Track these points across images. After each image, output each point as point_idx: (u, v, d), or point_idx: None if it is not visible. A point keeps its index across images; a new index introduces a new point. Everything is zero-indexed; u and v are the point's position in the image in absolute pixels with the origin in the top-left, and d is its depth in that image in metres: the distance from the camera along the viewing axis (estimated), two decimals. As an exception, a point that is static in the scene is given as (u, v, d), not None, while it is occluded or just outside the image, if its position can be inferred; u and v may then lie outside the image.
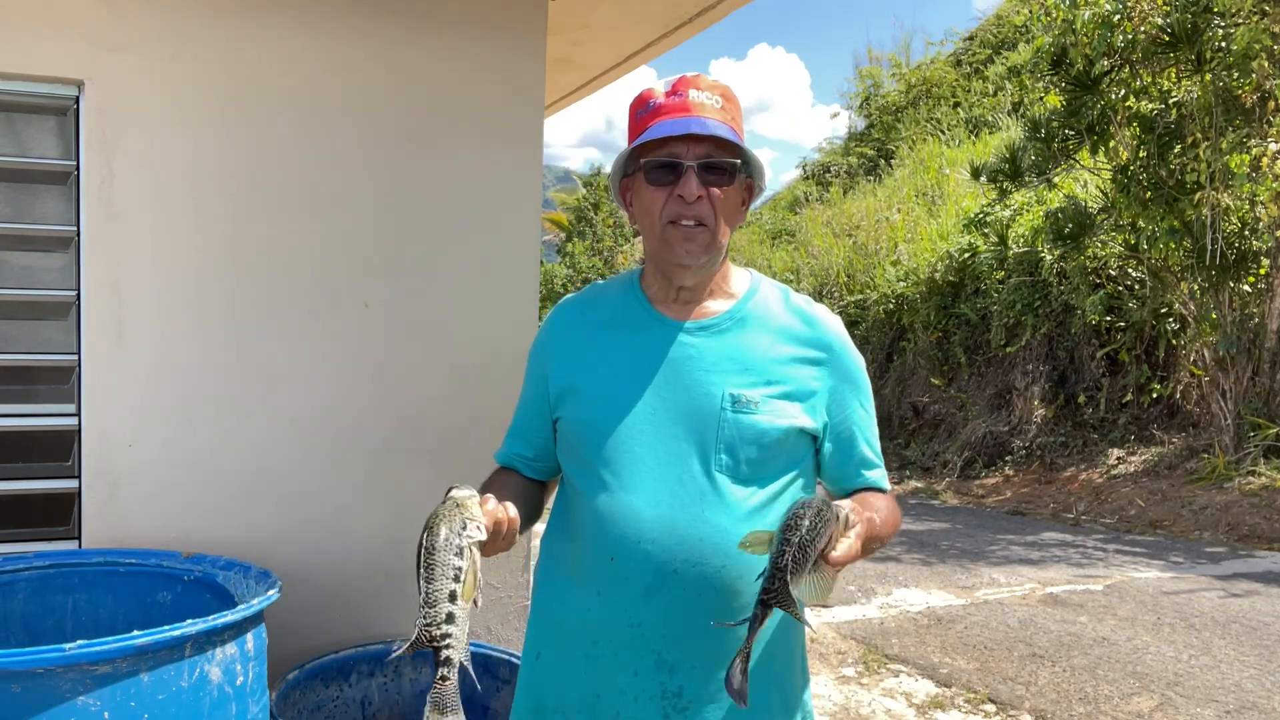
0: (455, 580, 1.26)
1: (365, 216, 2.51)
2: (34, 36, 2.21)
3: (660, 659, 1.44)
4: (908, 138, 18.00)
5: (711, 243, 1.47)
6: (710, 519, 1.43)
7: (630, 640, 1.44)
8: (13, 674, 1.50)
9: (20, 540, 2.26)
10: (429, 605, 1.25)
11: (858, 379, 1.56)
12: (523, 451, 1.64)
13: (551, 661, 1.53)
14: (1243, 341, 8.53)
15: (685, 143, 1.44)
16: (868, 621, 5.32)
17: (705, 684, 1.44)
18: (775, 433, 1.46)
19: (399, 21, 2.52)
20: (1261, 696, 4.09)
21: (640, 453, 1.46)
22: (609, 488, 1.46)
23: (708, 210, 1.45)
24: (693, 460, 1.45)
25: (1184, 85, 8.24)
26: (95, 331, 2.28)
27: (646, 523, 1.43)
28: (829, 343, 1.53)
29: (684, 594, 1.42)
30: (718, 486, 1.44)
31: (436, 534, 1.28)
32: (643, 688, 1.44)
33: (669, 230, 1.46)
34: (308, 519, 2.46)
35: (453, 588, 1.26)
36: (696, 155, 1.44)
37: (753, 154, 1.49)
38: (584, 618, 1.48)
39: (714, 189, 1.45)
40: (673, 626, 1.43)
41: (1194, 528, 7.70)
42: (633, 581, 1.44)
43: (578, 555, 1.51)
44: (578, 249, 25.54)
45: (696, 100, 1.46)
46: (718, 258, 1.51)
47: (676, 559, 1.42)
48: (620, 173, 1.55)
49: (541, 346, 1.64)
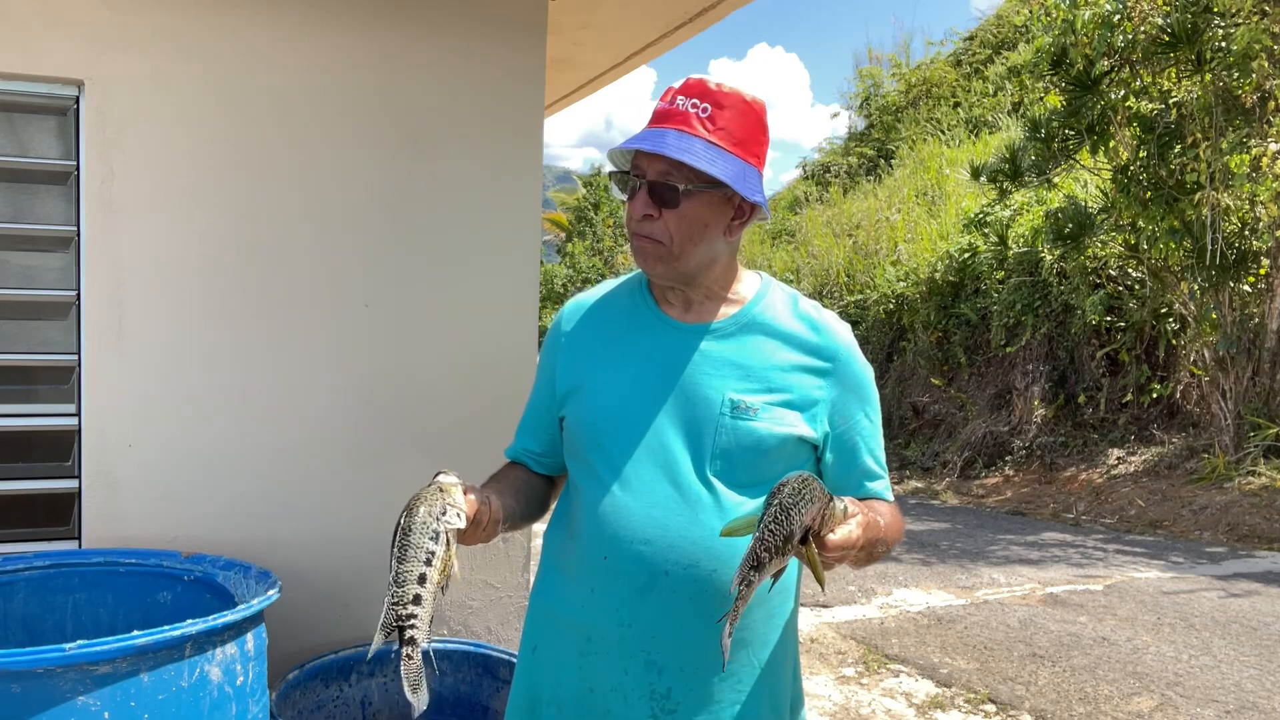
0: (426, 564, 1.27)
1: (365, 216, 2.51)
2: (34, 36, 2.21)
3: (649, 659, 1.44)
4: (908, 138, 18.00)
5: (668, 258, 1.44)
6: (704, 522, 1.43)
7: (621, 639, 1.45)
8: (13, 674, 1.50)
9: (20, 540, 2.26)
10: (397, 585, 1.27)
11: (864, 389, 1.53)
12: (531, 447, 1.65)
13: (548, 655, 1.54)
14: (1243, 341, 8.53)
15: (647, 157, 1.41)
16: (868, 621, 5.32)
17: (694, 686, 1.44)
18: (773, 440, 1.45)
19: (400, 22, 2.52)
20: (1261, 696, 4.08)
21: (638, 454, 1.46)
22: (606, 487, 1.47)
23: (660, 229, 1.42)
24: (689, 464, 1.45)
25: (1184, 85, 8.24)
26: (95, 331, 2.28)
27: (640, 523, 1.43)
28: (835, 351, 1.51)
29: (675, 596, 1.42)
30: (713, 491, 1.44)
31: (415, 515, 1.30)
32: (632, 687, 1.44)
33: (634, 240, 1.46)
34: (308, 519, 2.46)
35: (423, 570, 1.27)
36: (655, 171, 1.41)
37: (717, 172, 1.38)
38: (578, 614, 1.48)
39: (668, 208, 1.41)
40: (663, 628, 1.43)
41: (1194, 528, 7.70)
42: (625, 581, 1.44)
43: (575, 552, 1.51)
44: (578, 249, 25.54)
45: (681, 108, 1.42)
46: (687, 272, 1.47)
47: (668, 560, 1.42)
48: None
49: (553, 342, 1.64)
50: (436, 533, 1.29)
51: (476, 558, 2.63)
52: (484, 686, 2.45)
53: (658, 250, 1.43)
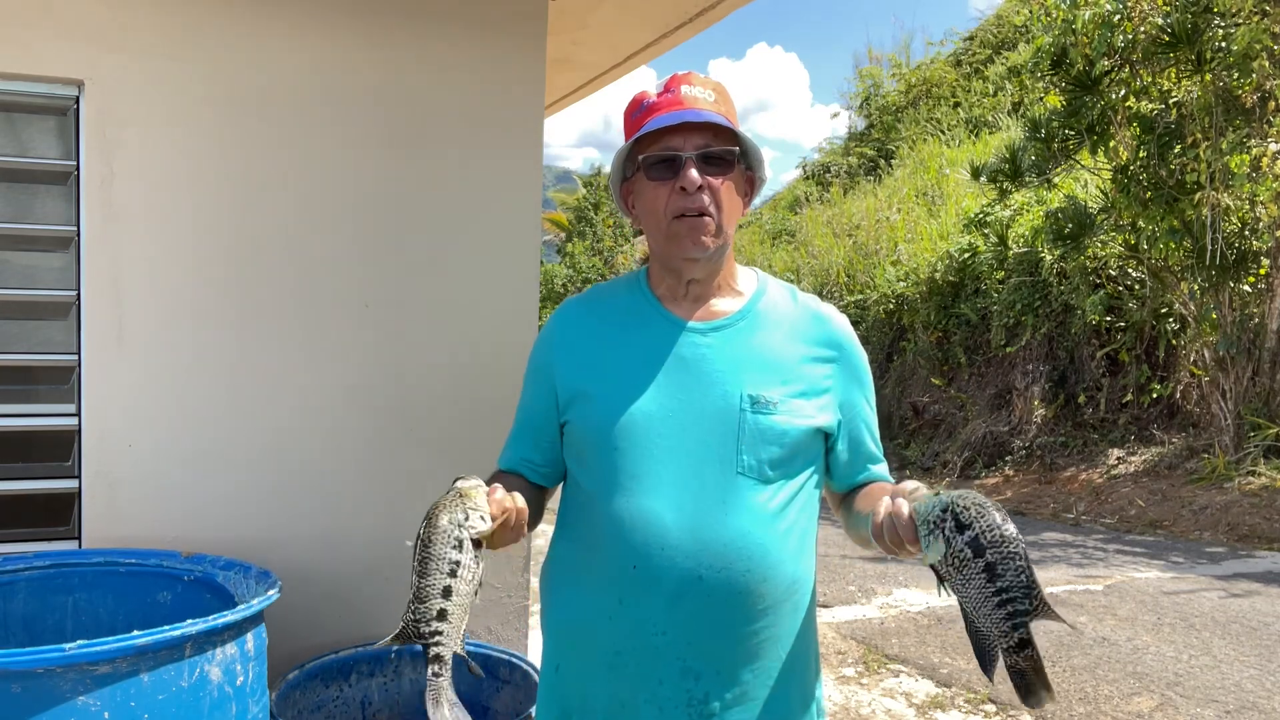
0: (450, 575, 1.20)
1: (366, 216, 2.51)
2: (34, 36, 2.21)
3: (686, 666, 1.41)
4: (908, 138, 18.00)
5: (718, 233, 1.47)
6: (733, 523, 1.41)
7: (655, 648, 1.41)
8: (13, 674, 1.50)
9: (20, 540, 2.26)
10: (419, 601, 1.20)
11: (864, 376, 1.57)
12: (531, 457, 1.60)
13: (573, 672, 1.50)
14: (1243, 341, 8.52)
15: (682, 134, 1.44)
16: (868, 621, 5.32)
17: (731, 689, 1.42)
18: (795, 433, 1.45)
19: (400, 22, 2.52)
20: (1261, 696, 4.08)
21: (660, 456, 1.43)
22: (628, 493, 1.43)
23: (710, 199, 1.44)
24: (714, 463, 1.43)
25: (1184, 85, 8.24)
26: (95, 331, 2.28)
27: (670, 528, 1.40)
28: (839, 341, 1.54)
29: (709, 600, 1.40)
30: (740, 489, 1.42)
31: (435, 525, 1.22)
32: (669, 696, 1.42)
33: (675, 225, 1.45)
34: (307, 519, 2.46)
35: (447, 583, 1.19)
36: (694, 146, 1.44)
37: (750, 140, 1.48)
38: (605, 627, 1.44)
39: (713, 178, 1.44)
40: (698, 633, 1.41)
41: (1194, 528, 7.69)
42: (657, 589, 1.40)
43: (595, 563, 1.47)
44: (578, 249, 25.54)
45: (689, 95, 1.46)
46: (725, 248, 1.51)
47: (702, 565, 1.39)
48: (620, 176, 1.54)
49: (546, 348, 1.60)
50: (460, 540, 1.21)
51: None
52: (484, 686, 2.45)
53: (710, 225, 1.46)
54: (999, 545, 1.12)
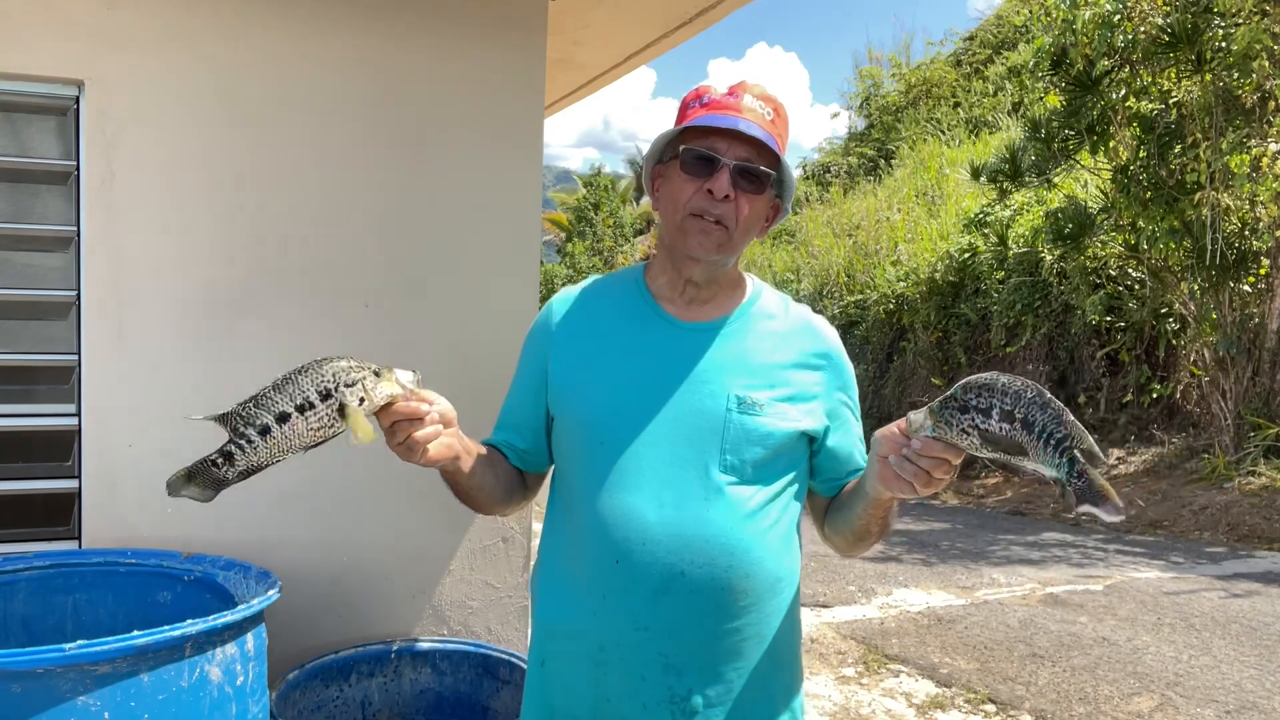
0: (299, 411, 1.16)
1: (365, 216, 2.50)
2: (34, 36, 2.21)
3: (668, 662, 1.43)
4: (908, 138, 18.01)
5: (726, 244, 1.47)
6: (714, 519, 1.43)
7: (637, 644, 1.43)
8: (13, 674, 1.50)
9: (20, 540, 2.26)
10: (255, 404, 1.17)
11: (850, 386, 1.61)
12: (516, 443, 1.63)
13: (558, 667, 1.52)
14: (1243, 341, 8.52)
15: (727, 140, 1.44)
16: (868, 621, 5.32)
17: (712, 686, 1.44)
18: (779, 435, 1.47)
19: (400, 22, 2.52)
20: (1261, 696, 4.08)
21: (644, 453, 1.45)
22: (611, 488, 1.45)
23: (731, 212, 1.45)
24: (697, 461, 1.44)
25: (1184, 85, 8.24)
26: (95, 331, 2.28)
27: (652, 525, 1.42)
28: (828, 351, 1.57)
29: (691, 595, 1.42)
30: (721, 487, 1.44)
31: (325, 363, 1.19)
32: (651, 692, 1.43)
33: (688, 221, 1.46)
34: (308, 519, 2.45)
35: (289, 411, 1.15)
36: (736, 156, 1.44)
37: (789, 171, 1.49)
38: (589, 623, 1.46)
39: (742, 194, 1.45)
40: (680, 629, 1.42)
41: (1194, 528, 7.69)
42: (639, 585, 1.42)
43: (579, 559, 1.49)
44: (578, 249, 25.56)
45: (749, 105, 1.46)
46: (729, 260, 1.52)
47: (684, 561, 1.41)
48: (655, 157, 1.55)
49: (542, 336, 1.62)
50: (328, 390, 1.17)
51: (477, 558, 2.63)
52: (484, 686, 2.45)
53: (722, 236, 1.46)
54: (1021, 401, 1.22)
